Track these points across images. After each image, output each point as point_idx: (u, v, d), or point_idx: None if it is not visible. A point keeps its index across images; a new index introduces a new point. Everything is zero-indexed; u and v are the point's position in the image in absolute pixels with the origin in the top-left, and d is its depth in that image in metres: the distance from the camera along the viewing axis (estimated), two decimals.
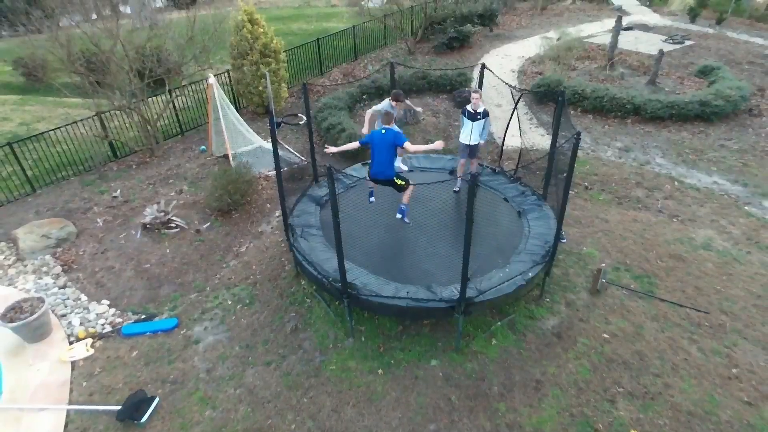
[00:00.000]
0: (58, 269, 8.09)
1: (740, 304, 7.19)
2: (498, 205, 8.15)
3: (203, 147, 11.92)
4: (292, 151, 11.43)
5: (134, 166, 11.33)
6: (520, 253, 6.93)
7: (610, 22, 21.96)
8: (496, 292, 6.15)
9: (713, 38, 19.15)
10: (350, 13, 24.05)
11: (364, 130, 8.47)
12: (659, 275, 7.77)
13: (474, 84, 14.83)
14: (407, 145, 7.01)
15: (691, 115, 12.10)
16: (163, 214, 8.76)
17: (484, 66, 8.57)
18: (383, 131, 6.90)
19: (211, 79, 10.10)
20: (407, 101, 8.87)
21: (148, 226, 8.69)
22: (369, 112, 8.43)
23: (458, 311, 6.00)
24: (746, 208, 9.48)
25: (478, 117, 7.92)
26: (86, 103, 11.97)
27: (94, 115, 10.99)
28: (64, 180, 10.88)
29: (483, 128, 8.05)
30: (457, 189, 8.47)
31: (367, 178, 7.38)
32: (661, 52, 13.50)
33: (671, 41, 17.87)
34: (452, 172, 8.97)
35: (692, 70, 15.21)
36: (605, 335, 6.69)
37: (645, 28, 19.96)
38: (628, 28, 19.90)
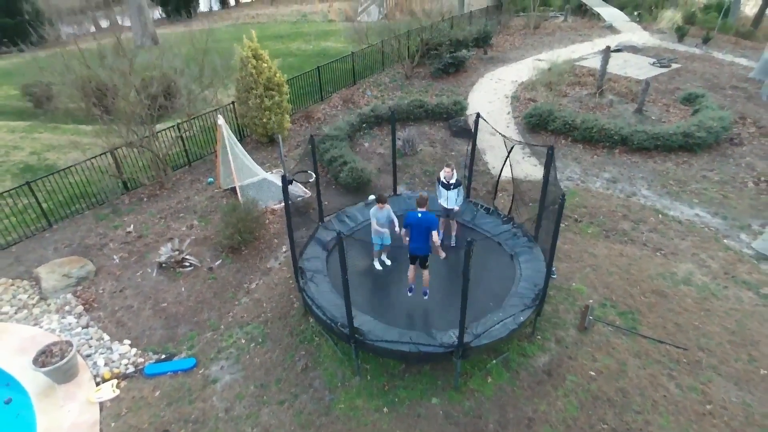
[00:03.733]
0: (80, 308, 8.60)
1: (716, 340, 7.80)
2: (492, 249, 8.73)
3: (211, 179, 12.44)
4: (298, 182, 11.98)
5: (145, 199, 11.84)
6: (513, 296, 7.51)
7: (600, 42, 22.71)
8: (490, 336, 6.73)
9: (699, 60, 19.85)
10: (347, 30, 24.63)
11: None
12: (642, 311, 8.37)
13: (469, 111, 15.44)
14: (434, 234, 7.52)
15: (675, 146, 12.73)
16: (177, 252, 9.28)
17: (479, 115, 9.15)
18: (420, 215, 7.38)
19: (221, 121, 10.62)
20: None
21: (163, 264, 9.21)
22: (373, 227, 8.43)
23: (456, 356, 6.57)
24: (725, 241, 10.10)
25: (452, 187, 8.56)
26: (95, 130, 12.40)
27: (107, 152, 11.48)
28: (78, 214, 11.37)
29: (458, 195, 8.67)
30: (444, 241, 8.95)
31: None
32: (647, 83, 14.14)
33: (659, 64, 18.54)
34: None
35: (678, 96, 15.87)
36: (591, 372, 7.28)
37: (634, 49, 20.63)
38: (617, 50, 20.59)
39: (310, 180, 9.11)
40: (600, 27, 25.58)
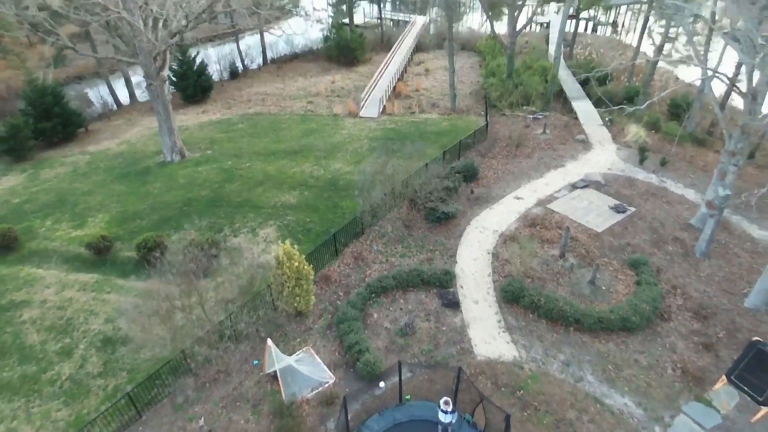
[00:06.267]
0: None
1: None
2: None
3: (256, 361, 16.04)
4: (323, 366, 15.62)
5: (208, 385, 15.42)
6: None
7: (573, 168, 26.35)
8: None
9: (653, 197, 23.53)
10: (353, 147, 28.19)
11: None
12: None
13: (458, 278, 19.03)
14: None
15: (615, 328, 16.40)
16: None
17: (460, 369, 12.78)
18: None
19: (270, 342, 14.23)
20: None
21: None
22: None
23: None
24: None
25: (449, 412, 12.21)
26: (152, 290, 15.90)
27: (180, 353, 15.06)
28: (158, 402, 14.96)
29: (453, 418, 12.32)
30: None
31: None
32: (597, 266, 17.81)
33: (616, 211, 22.20)
34: None
35: (626, 257, 19.51)
36: None
37: (598, 185, 24.24)
38: (584, 186, 24.23)
39: None
40: (574, 141, 29.13)
